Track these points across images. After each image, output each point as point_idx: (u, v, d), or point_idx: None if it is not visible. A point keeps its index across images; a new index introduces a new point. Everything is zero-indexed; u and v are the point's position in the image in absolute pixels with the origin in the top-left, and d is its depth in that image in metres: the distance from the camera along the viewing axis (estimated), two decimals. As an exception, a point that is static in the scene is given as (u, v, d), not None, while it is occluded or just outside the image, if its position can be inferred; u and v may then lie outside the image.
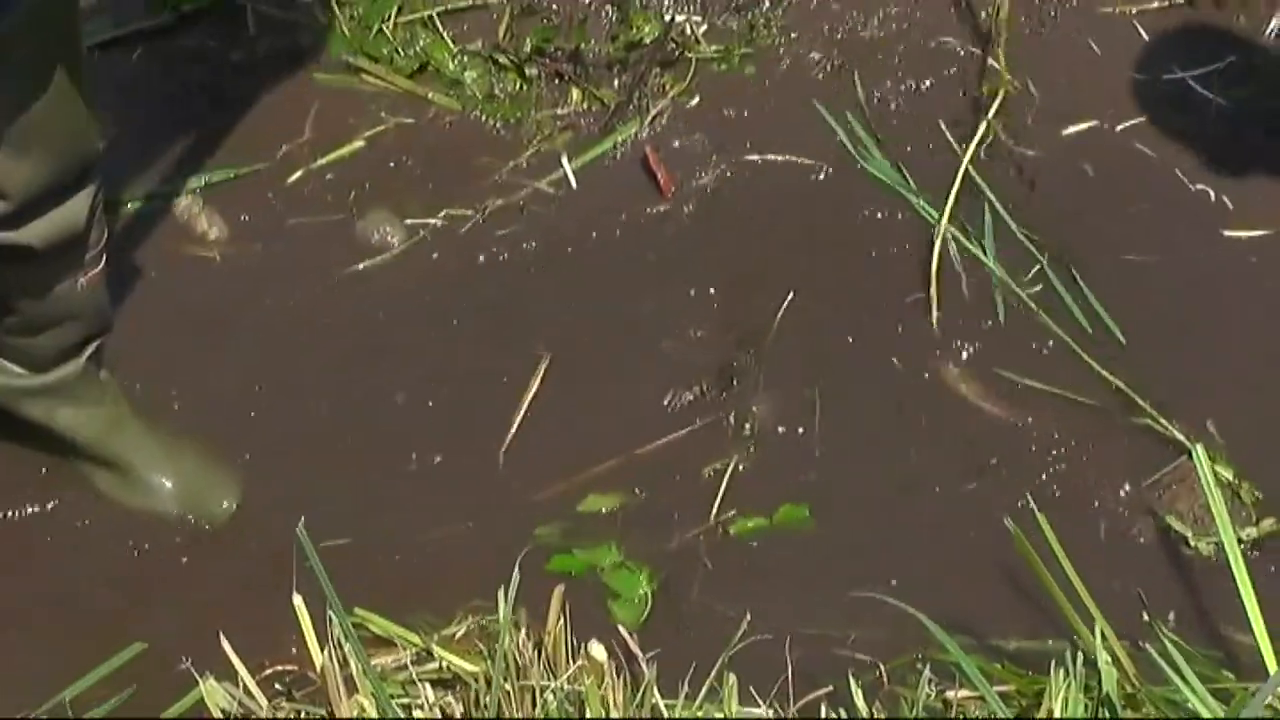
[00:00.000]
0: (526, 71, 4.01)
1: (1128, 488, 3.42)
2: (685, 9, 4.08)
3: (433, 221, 3.84)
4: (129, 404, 3.54)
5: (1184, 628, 3.20)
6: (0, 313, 3.30)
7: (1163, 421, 3.47)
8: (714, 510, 3.42)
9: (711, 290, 3.72)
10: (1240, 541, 3.19)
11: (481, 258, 3.77)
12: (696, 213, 3.83)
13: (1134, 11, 4.10)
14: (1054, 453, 3.47)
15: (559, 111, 3.98)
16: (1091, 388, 3.54)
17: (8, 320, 3.31)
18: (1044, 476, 3.43)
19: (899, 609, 3.01)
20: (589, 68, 4.01)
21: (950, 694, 3.04)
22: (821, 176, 3.87)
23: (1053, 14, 4.12)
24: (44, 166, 3.00)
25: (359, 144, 3.96)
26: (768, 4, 4.11)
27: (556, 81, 4.01)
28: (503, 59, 4.03)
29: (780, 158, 3.90)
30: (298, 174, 3.90)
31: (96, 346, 3.44)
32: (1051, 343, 3.61)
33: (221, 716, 2.99)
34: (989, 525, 3.23)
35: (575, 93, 4.00)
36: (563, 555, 3.36)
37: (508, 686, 2.94)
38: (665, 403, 3.57)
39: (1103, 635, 2.90)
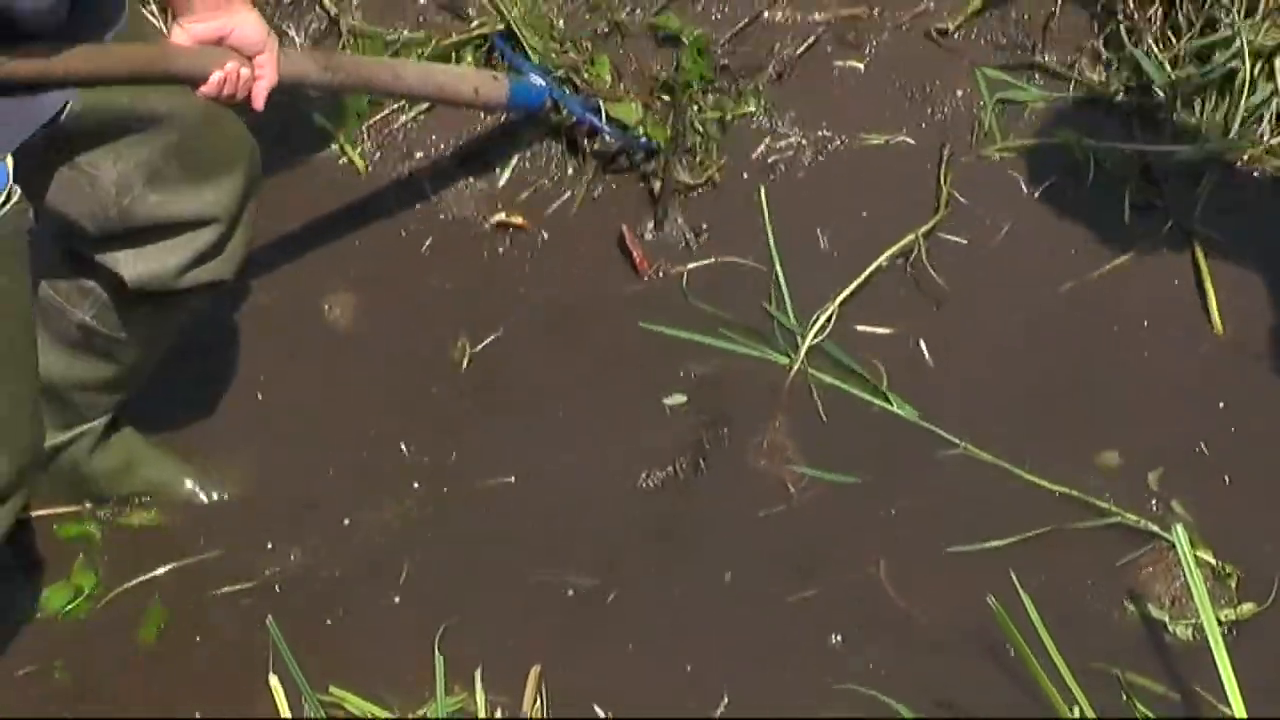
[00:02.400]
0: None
1: (1104, 570, 3.42)
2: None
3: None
4: (138, 438, 3.55)
5: (1164, 709, 3.19)
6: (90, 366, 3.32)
7: (1130, 515, 3.47)
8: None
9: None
10: (1220, 623, 3.18)
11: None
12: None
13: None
14: (1034, 535, 3.46)
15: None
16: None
17: (94, 374, 3.34)
18: (1026, 557, 3.42)
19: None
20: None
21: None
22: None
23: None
24: (230, 183, 3.13)
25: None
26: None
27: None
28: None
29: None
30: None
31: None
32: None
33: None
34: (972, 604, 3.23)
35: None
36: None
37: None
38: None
39: (1082, 715, 2.89)
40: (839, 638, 3.35)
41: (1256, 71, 3.88)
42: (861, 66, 4.09)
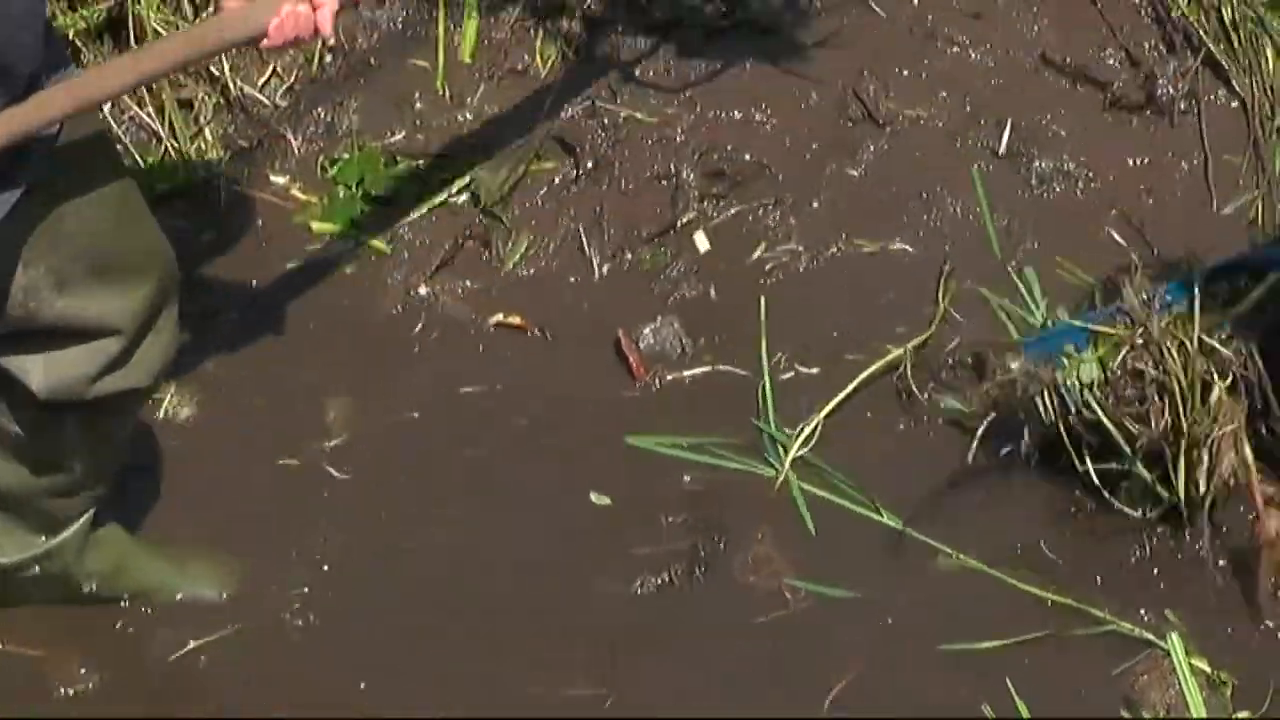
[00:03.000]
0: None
1: (1099, 678, 3.40)
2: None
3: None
4: (131, 542, 3.52)
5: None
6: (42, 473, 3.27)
7: (1125, 623, 3.46)
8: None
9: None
10: (1215, 733, 3.17)
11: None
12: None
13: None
14: (1029, 641, 3.45)
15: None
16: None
17: (50, 481, 3.28)
18: (1021, 665, 3.40)
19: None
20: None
21: None
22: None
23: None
24: (136, 292, 3.03)
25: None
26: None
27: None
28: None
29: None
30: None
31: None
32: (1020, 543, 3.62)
33: None
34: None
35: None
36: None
37: None
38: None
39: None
40: (836, 746, 3.34)
41: None
42: (857, 173, 4.11)
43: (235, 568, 3.57)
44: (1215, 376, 3.39)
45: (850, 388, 3.79)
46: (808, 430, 3.73)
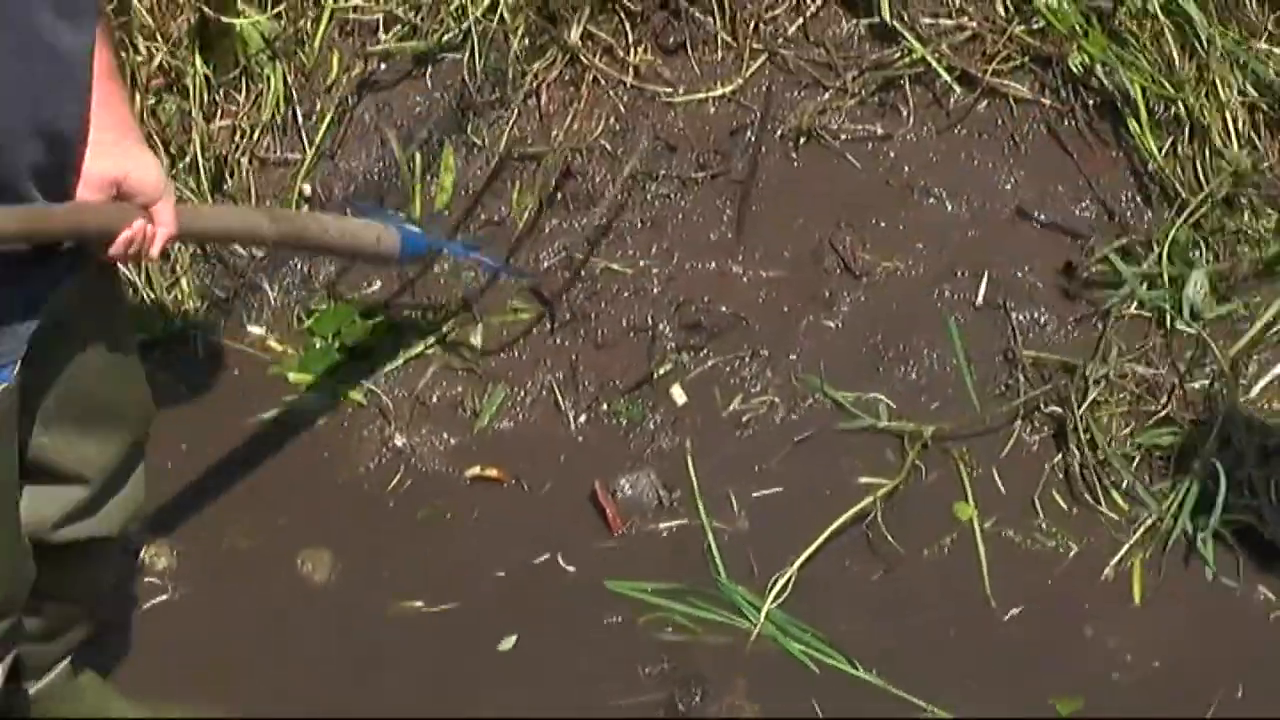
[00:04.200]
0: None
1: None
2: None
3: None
4: (109, 690, 3.49)
5: None
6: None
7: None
8: None
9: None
10: None
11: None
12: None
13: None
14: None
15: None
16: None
17: (40, 626, 3.25)
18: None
19: None
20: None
21: None
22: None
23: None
24: (114, 444, 3.03)
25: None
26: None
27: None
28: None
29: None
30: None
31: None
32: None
33: None
34: None
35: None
36: None
37: None
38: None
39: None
40: None
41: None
42: (834, 324, 4.12)
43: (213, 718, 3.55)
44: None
45: (822, 539, 3.79)
46: (781, 582, 3.73)
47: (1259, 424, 3.91)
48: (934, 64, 4.23)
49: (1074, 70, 4.22)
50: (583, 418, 4.00)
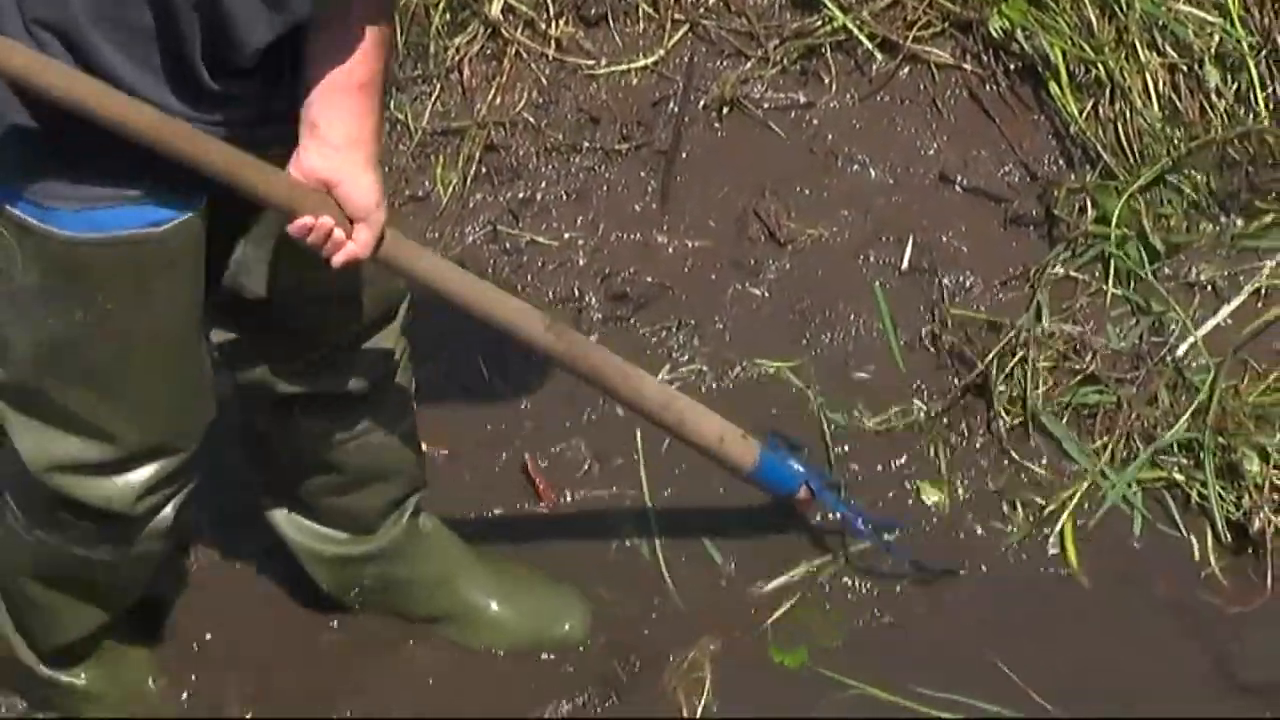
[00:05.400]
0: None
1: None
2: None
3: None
4: (459, 546, 3.55)
5: None
6: (313, 472, 3.34)
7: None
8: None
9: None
10: None
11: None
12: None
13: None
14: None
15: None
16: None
17: (323, 480, 3.34)
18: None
19: None
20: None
21: None
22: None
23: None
24: (357, 307, 3.10)
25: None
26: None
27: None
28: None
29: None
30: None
31: (418, 499, 3.48)
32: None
33: None
34: None
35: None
36: None
37: None
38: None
39: None
40: None
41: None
42: (760, 292, 4.12)
43: (573, 595, 3.62)
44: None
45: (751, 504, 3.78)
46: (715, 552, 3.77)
47: (1187, 383, 3.94)
48: (855, 31, 4.24)
49: (994, 35, 4.23)
50: (512, 389, 3.99)
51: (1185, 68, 4.19)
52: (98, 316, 2.88)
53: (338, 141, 2.79)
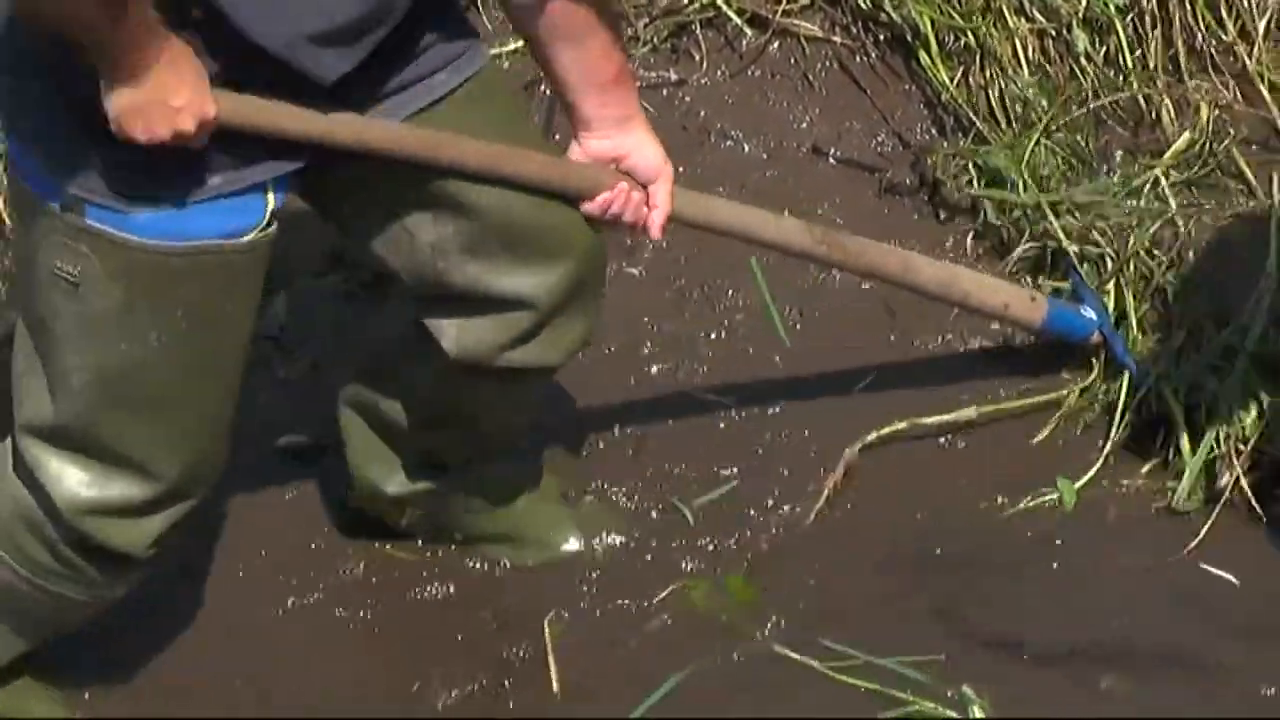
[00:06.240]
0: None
1: None
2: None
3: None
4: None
5: None
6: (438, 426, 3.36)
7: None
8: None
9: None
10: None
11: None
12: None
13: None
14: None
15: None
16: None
17: (446, 434, 3.38)
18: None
19: None
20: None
21: None
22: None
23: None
24: (553, 273, 3.11)
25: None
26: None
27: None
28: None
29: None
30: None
31: None
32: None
33: None
34: None
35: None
36: None
37: None
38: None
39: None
40: None
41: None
42: (637, 271, 4.12)
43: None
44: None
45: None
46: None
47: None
48: (724, 8, 4.25)
49: (863, 6, 4.25)
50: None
51: (1054, 32, 4.21)
52: (172, 338, 2.86)
53: (613, 114, 3.06)
